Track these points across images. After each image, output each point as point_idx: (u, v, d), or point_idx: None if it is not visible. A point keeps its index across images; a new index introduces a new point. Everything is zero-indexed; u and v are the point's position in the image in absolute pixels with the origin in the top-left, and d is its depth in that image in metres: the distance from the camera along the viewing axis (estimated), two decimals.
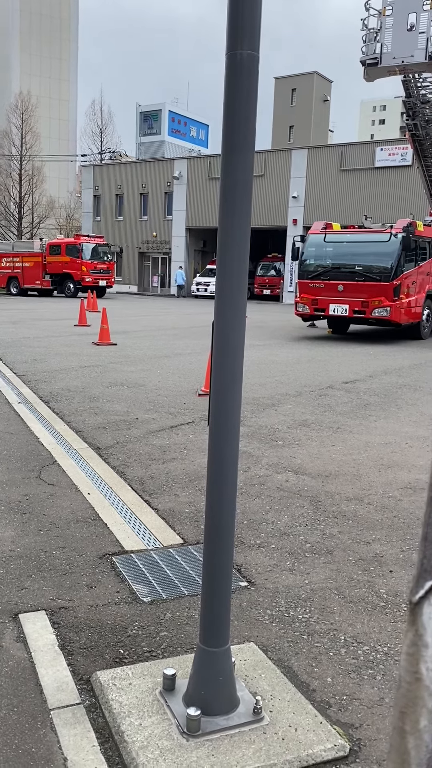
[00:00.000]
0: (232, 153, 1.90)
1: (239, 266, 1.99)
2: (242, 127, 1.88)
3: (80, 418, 6.39)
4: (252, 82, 1.86)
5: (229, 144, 1.90)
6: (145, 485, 4.51)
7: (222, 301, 2.02)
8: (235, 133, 1.88)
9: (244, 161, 1.91)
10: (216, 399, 2.06)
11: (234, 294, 2.01)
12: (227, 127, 1.90)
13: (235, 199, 1.93)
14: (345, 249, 15.04)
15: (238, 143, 1.89)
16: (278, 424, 6.44)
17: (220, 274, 2.01)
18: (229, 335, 2.03)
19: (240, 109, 1.86)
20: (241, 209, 1.93)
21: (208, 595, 2.15)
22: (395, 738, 0.69)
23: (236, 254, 1.98)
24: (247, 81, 1.85)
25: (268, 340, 14.70)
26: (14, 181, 52.00)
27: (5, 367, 9.51)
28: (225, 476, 2.11)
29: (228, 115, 1.88)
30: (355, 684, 2.40)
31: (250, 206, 1.95)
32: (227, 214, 1.95)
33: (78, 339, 13.49)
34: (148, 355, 11.31)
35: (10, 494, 4.22)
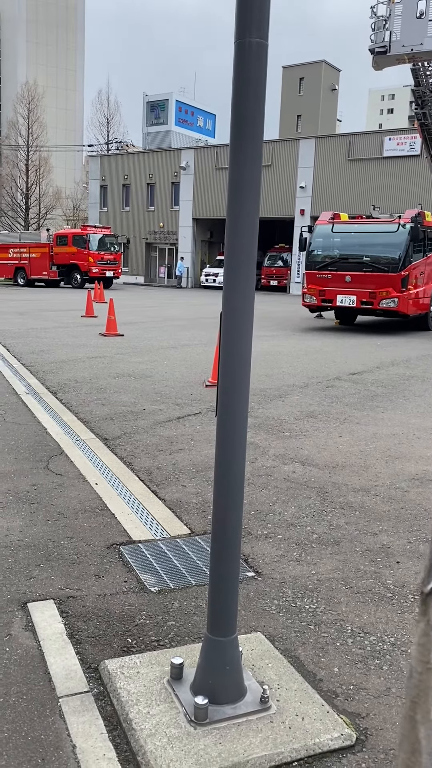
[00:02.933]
0: (241, 141, 1.88)
1: (248, 257, 1.98)
2: (251, 116, 1.87)
3: (87, 409, 6.41)
4: (261, 71, 1.84)
5: (239, 133, 1.89)
6: (152, 476, 4.52)
7: (230, 292, 2.01)
8: (245, 122, 1.87)
9: (253, 150, 1.90)
10: (224, 389, 2.06)
11: (243, 284, 2.00)
12: (236, 115, 1.88)
13: (243, 189, 1.92)
14: (353, 239, 14.97)
15: (248, 132, 1.88)
16: (285, 415, 6.44)
17: (228, 264, 2.00)
18: (238, 326, 2.02)
19: (249, 98, 1.85)
20: (249, 198, 1.92)
21: (215, 584, 2.16)
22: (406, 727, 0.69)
23: (245, 244, 1.97)
24: (256, 69, 1.84)
25: (275, 331, 14.67)
26: (21, 171, 51.99)
27: (13, 357, 9.53)
28: (233, 466, 2.11)
29: (237, 103, 1.87)
30: (361, 674, 2.41)
31: (258, 195, 1.94)
32: (236, 203, 1.94)
33: (85, 330, 13.51)
34: (155, 346, 11.31)
35: (18, 484, 4.24)
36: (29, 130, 52.30)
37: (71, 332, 13.06)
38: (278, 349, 11.44)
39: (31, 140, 52.07)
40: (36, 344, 11.03)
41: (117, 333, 12.64)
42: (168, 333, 13.45)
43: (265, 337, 12.91)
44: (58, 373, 8.35)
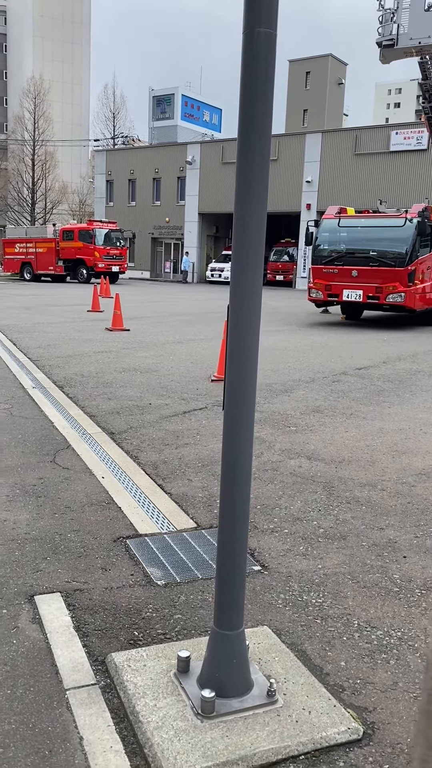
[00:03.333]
0: (249, 134, 1.87)
1: (255, 251, 1.97)
2: (260, 107, 1.86)
3: (94, 403, 6.42)
4: (269, 61, 1.83)
5: (247, 124, 1.88)
6: (158, 470, 4.53)
7: (238, 287, 2.00)
8: (253, 113, 1.86)
9: (262, 142, 1.89)
10: (231, 383, 2.05)
11: (250, 279, 1.99)
12: (244, 106, 1.87)
13: (252, 182, 1.91)
14: (359, 234, 14.91)
15: (256, 123, 1.87)
16: (291, 410, 6.43)
17: (236, 259, 1.99)
18: (245, 320, 2.01)
19: (257, 89, 1.84)
20: (258, 189, 1.91)
21: (222, 578, 2.16)
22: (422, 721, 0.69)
23: (252, 238, 1.96)
24: (265, 60, 1.82)
25: (280, 326, 14.64)
26: (27, 166, 51.97)
27: (19, 352, 9.55)
28: (240, 460, 2.10)
29: (245, 94, 1.86)
30: (368, 668, 2.41)
31: (266, 187, 1.92)
32: (244, 197, 1.93)
33: (91, 325, 13.52)
34: (161, 340, 11.31)
35: (26, 478, 4.25)
36: (35, 125, 52.26)
37: (77, 327, 13.07)
38: (284, 344, 11.42)
39: (37, 135, 52.04)
40: (42, 339, 11.05)
41: (123, 328, 12.65)
42: (174, 328, 13.44)
43: (270, 332, 12.89)
44: (64, 367, 8.36)
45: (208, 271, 37.95)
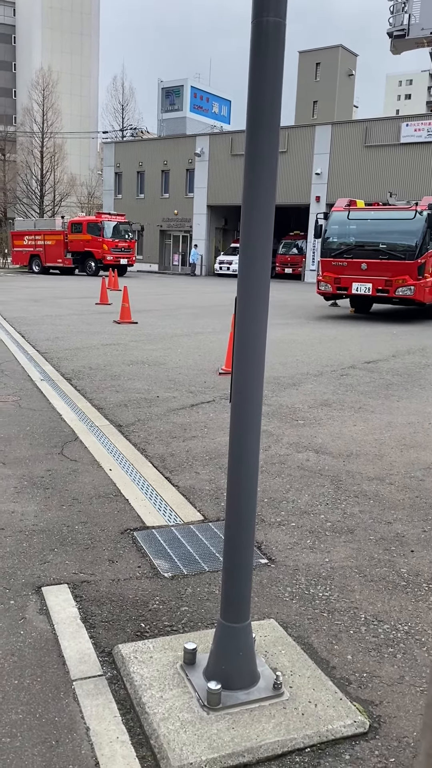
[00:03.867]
0: (258, 124, 1.85)
1: (263, 243, 1.96)
2: (269, 97, 1.84)
3: (102, 396, 6.43)
4: (278, 50, 1.81)
5: (255, 115, 1.86)
6: (165, 462, 4.53)
7: (246, 279, 1.99)
8: (262, 103, 1.84)
9: (270, 133, 1.87)
10: (238, 375, 2.04)
11: (258, 272, 1.98)
12: (253, 96, 1.85)
13: (262, 171, 1.89)
14: (369, 227, 14.82)
15: (265, 114, 1.85)
16: (299, 403, 6.42)
17: (243, 251, 1.98)
18: (253, 313, 2.00)
19: (267, 78, 1.82)
20: (266, 181, 1.90)
21: (229, 570, 2.16)
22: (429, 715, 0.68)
23: (260, 230, 1.95)
24: (274, 49, 1.81)
25: (289, 319, 14.60)
26: (35, 158, 51.96)
27: (28, 344, 9.57)
28: (247, 453, 2.10)
29: (254, 84, 1.84)
30: (375, 662, 2.40)
31: (275, 176, 1.91)
32: (252, 184, 1.91)
33: (99, 317, 13.53)
34: (169, 333, 11.31)
35: (34, 470, 4.27)
36: (44, 117, 52.21)
37: (86, 319, 13.09)
38: (292, 337, 11.38)
39: (45, 127, 52.00)
40: (51, 331, 11.07)
41: (131, 320, 12.65)
42: (182, 321, 13.43)
43: (279, 325, 12.85)
44: (72, 359, 8.38)
45: (217, 264, 37.79)
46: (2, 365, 7.87)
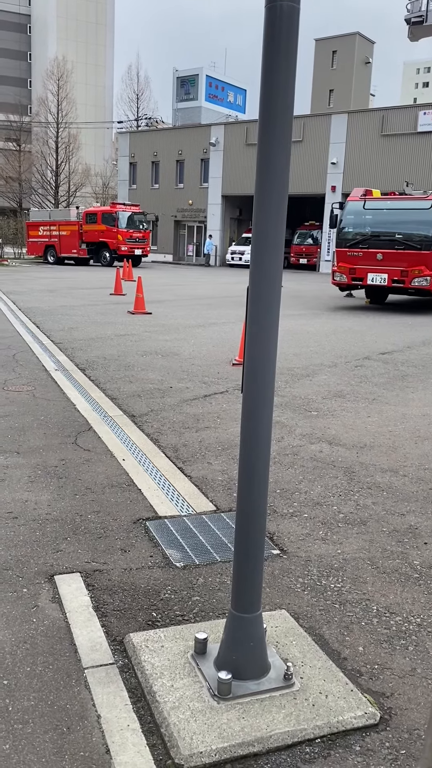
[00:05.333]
0: (271, 112, 1.83)
1: (275, 233, 1.94)
2: (282, 84, 1.81)
3: (115, 386, 6.44)
4: (292, 35, 1.78)
5: (269, 102, 1.84)
6: (178, 453, 4.53)
7: (257, 269, 1.97)
8: (276, 90, 1.82)
9: (284, 120, 1.85)
10: (250, 366, 2.03)
11: (270, 261, 1.96)
12: (266, 83, 1.83)
13: (275, 157, 1.87)
14: (385, 216, 14.68)
15: (278, 101, 1.82)
16: (313, 394, 6.39)
17: (255, 241, 1.96)
18: (265, 302, 1.99)
19: (280, 64, 1.79)
20: (280, 163, 1.87)
21: (240, 561, 2.15)
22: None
23: (272, 219, 1.93)
24: (287, 34, 1.78)
25: (303, 309, 14.53)
26: (51, 149, 52.01)
27: (43, 334, 9.61)
28: (258, 443, 2.09)
29: (267, 70, 1.81)
30: (386, 654, 2.40)
31: (288, 161, 1.88)
32: (265, 169, 1.89)
33: (113, 308, 13.55)
34: (183, 324, 11.30)
35: (47, 459, 4.29)
36: (59, 107, 52.19)
37: (100, 310, 13.11)
38: (307, 327, 11.33)
39: (60, 117, 51.98)
40: (65, 322, 11.10)
41: (145, 311, 12.65)
42: (195, 311, 13.41)
43: (293, 316, 12.79)
44: (86, 350, 8.40)
45: (228, 254, 37.55)
46: (17, 355, 7.91)
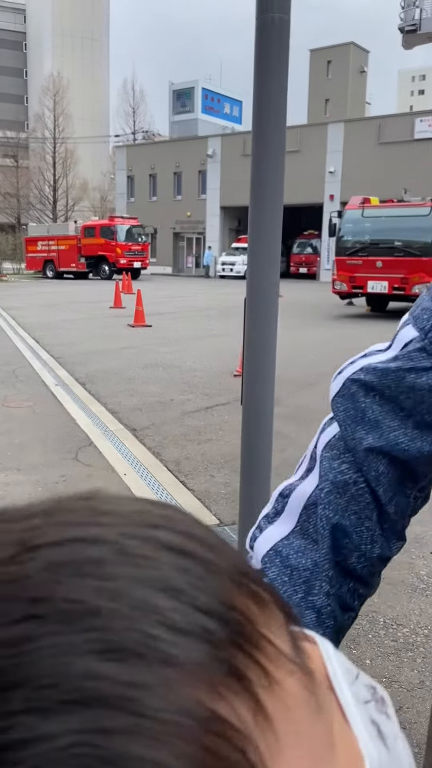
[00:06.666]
0: (264, 123, 1.83)
1: (271, 245, 1.93)
2: (274, 95, 1.81)
3: (116, 400, 6.42)
4: (283, 47, 1.78)
5: (261, 113, 1.83)
6: (180, 466, 4.51)
7: (254, 280, 1.96)
8: (267, 101, 1.81)
9: (276, 130, 1.84)
10: (249, 378, 2.01)
11: (267, 272, 1.95)
12: (258, 95, 1.83)
13: (269, 168, 1.87)
14: (383, 224, 14.72)
15: (271, 112, 1.82)
16: (316, 404, 6.36)
17: (252, 253, 1.96)
18: (262, 313, 1.97)
19: (272, 75, 1.79)
20: (274, 174, 1.87)
21: None
22: None
23: (268, 231, 1.92)
24: (279, 45, 1.78)
25: (304, 318, 14.54)
26: (48, 164, 52.34)
27: (42, 349, 9.61)
28: (259, 456, 2.07)
29: (259, 81, 1.81)
30: (394, 666, 2.36)
31: (282, 172, 1.88)
32: (259, 181, 1.88)
33: (113, 321, 13.56)
34: (183, 336, 11.30)
35: (48, 475, 4.27)
36: (55, 122, 52.57)
37: (100, 323, 13.12)
38: (308, 336, 11.32)
39: (57, 132, 52.34)
40: (65, 336, 11.10)
41: (145, 323, 12.66)
42: (196, 322, 13.42)
43: (294, 326, 12.79)
44: (87, 364, 8.39)
45: (219, 266, 36.64)
46: (17, 371, 7.91)
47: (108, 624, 0.18)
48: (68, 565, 0.20)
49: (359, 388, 0.62)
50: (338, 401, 0.63)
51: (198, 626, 0.19)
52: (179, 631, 0.18)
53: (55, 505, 0.23)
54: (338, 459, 0.60)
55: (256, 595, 0.22)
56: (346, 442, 0.60)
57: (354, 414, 0.60)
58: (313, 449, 0.64)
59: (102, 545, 0.20)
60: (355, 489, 0.59)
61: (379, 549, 0.62)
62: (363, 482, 0.59)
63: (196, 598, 0.20)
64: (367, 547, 0.61)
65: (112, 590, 0.19)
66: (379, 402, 0.60)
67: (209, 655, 0.18)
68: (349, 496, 0.59)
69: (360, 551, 0.60)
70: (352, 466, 0.59)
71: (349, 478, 0.59)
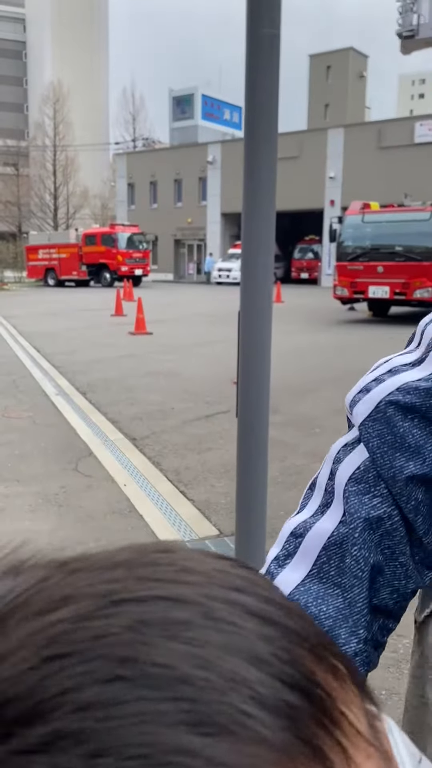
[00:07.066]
0: (255, 139, 1.83)
1: (264, 253, 1.93)
2: (266, 108, 1.81)
3: (116, 409, 6.42)
4: (274, 63, 1.78)
5: (253, 129, 1.83)
6: (180, 476, 4.50)
7: (248, 289, 1.96)
8: (258, 115, 1.81)
9: (268, 144, 1.84)
10: (244, 391, 2.01)
11: (259, 281, 1.95)
12: (250, 108, 1.83)
13: (260, 182, 1.86)
14: (384, 229, 14.72)
15: (262, 128, 1.82)
16: (316, 411, 6.35)
17: (245, 262, 1.96)
18: (257, 325, 1.97)
19: (263, 90, 1.79)
20: (265, 189, 1.86)
21: None
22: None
23: (261, 239, 1.92)
24: (269, 61, 1.78)
25: (305, 324, 14.53)
26: (48, 172, 52.53)
27: (43, 358, 9.62)
28: (256, 466, 2.07)
29: (250, 96, 1.81)
30: (394, 678, 2.35)
31: (274, 187, 1.88)
32: (251, 194, 1.88)
33: (114, 329, 13.57)
34: (184, 343, 11.30)
35: (48, 486, 4.26)
36: (55, 130, 52.79)
37: (101, 332, 13.14)
38: (309, 342, 11.32)
39: (57, 140, 52.56)
40: (66, 345, 11.11)
41: (146, 331, 12.67)
42: (196, 329, 13.43)
43: (295, 331, 12.79)
44: (87, 373, 8.39)
45: (215, 272, 36.27)
46: (17, 380, 7.91)
47: (199, 695, 0.17)
48: (154, 625, 0.19)
49: (396, 411, 0.56)
50: (371, 426, 0.57)
51: (284, 702, 0.18)
52: (267, 707, 0.18)
53: (137, 556, 0.23)
54: (369, 493, 0.54)
55: (335, 668, 0.21)
56: (379, 472, 0.54)
57: (392, 440, 0.54)
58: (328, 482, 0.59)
59: (187, 607, 0.20)
60: (389, 524, 0.54)
61: (413, 584, 0.57)
62: (397, 515, 0.54)
63: (281, 671, 0.19)
64: (401, 583, 0.56)
65: (202, 658, 0.18)
66: (420, 425, 0.54)
67: (295, 734, 0.18)
68: (383, 531, 0.54)
69: (393, 587, 0.56)
70: (386, 499, 0.54)
71: (383, 513, 0.54)
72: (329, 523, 0.57)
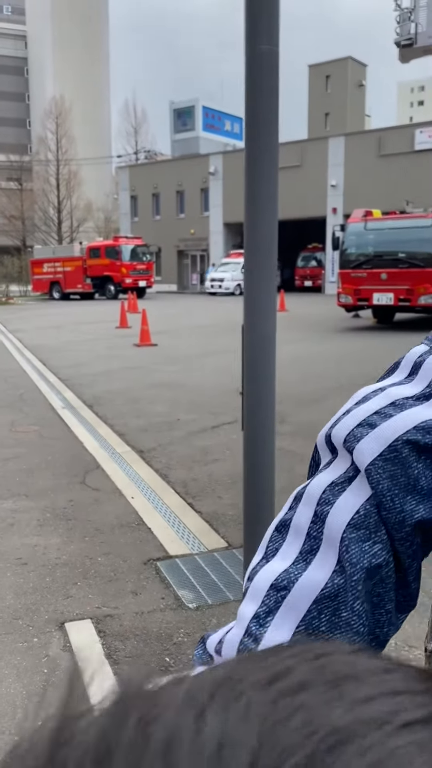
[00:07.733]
0: (255, 154, 1.84)
1: (267, 264, 1.94)
2: (266, 125, 1.82)
3: (123, 421, 6.43)
4: (273, 78, 1.80)
5: (253, 143, 1.85)
6: (188, 488, 4.50)
7: (252, 300, 1.97)
8: (259, 131, 1.83)
9: (270, 158, 1.85)
10: (249, 404, 2.01)
11: (263, 291, 1.95)
12: (250, 125, 1.84)
13: (261, 197, 1.88)
14: (387, 236, 14.74)
15: (263, 140, 1.83)
16: (323, 420, 6.30)
17: (248, 273, 1.96)
18: (260, 335, 1.98)
19: (262, 107, 1.81)
20: (267, 204, 1.88)
21: None
22: None
23: (264, 250, 1.93)
24: (268, 77, 1.79)
25: (310, 333, 14.54)
26: (52, 186, 52.86)
27: (49, 372, 9.64)
28: (262, 477, 2.06)
29: (250, 114, 1.83)
30: None
31: (276, 201, 1.89)
32: (253, 214, 1.89)
33: (119, 341, 13.61)
34: (189, 354, 11.32)
35: (56, 501, 4.26)
36: (58, 145, 53.17)
37: (106, 344, 13.17)
38: (314, 351, 11.32)
39: (60, 155, 52.92)
40: (72, 357, 11.15)
41: (150, 343, 12.69)
42: (201, 340, 13.45)
43: (300, 340, 12.79)
44: (93, 385, 8.41)
45: (207, 282, 35.36)
46: (24, 394, 7.93)
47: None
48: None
49: (412, 451, 0.51)
50: (382, 467, 0.52)
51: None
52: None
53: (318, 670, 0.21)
54: (369, 540, 0.50)
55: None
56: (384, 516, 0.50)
57: (405, 482, 0.51)
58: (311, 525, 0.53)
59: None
60: (386, 571, 0.50)
61: (393, 630, 0.53)
62: (392, 561, 0.51)
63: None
64: (382, 631, 0.52)
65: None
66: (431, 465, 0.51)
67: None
68: (377, 579, 0.50)
69: (374, 635, 0.52)
70: (386, 545, 0.50)
71: (383, 561, 0.50)
72: (320, 573, 0.50)
